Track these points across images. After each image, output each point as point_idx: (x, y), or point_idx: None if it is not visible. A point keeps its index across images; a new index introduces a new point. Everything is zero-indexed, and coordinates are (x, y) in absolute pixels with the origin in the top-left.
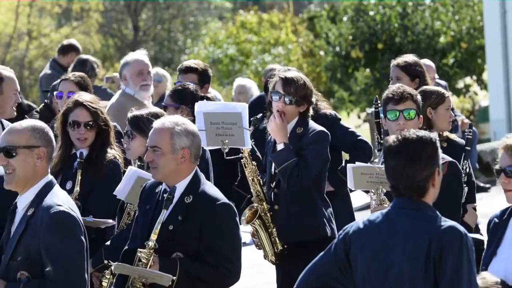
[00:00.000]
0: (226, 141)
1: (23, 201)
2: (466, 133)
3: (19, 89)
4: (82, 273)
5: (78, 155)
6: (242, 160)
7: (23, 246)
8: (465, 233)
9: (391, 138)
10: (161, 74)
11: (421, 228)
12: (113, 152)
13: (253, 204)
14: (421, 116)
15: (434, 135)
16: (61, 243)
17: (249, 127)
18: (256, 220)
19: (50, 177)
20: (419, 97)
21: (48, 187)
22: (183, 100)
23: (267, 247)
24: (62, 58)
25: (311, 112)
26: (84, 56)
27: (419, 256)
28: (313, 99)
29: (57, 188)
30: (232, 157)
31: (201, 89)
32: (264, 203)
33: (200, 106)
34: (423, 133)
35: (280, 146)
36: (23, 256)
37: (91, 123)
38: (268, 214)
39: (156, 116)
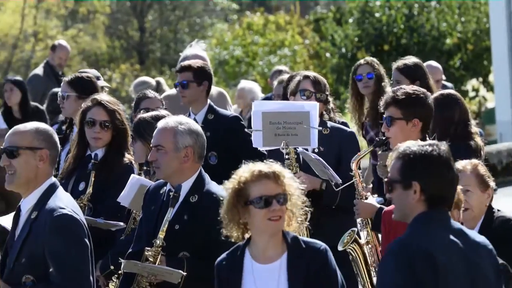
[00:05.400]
0: (288, 141)
1: (26, 204)
2: None
3: None
4: (86, 275)
5: (93, 156)
6: (286, 161)
7: (27, 250)
8: None
9: (440, 147)
10: (147, 81)
11: (482, 238)
12: (128, 157)
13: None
14: (414, 120)
15: None
16: (64, 246)
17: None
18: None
19: (53, 179)
20: (414, 100)
21: (51, 190)
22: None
23: None
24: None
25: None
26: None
27: (496, 266)
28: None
29: (60, 190)
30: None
31: (199, 86)
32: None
33: (258, 106)
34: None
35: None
36: (27, 260)
37: (107, 123)
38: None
39: (159, 119)
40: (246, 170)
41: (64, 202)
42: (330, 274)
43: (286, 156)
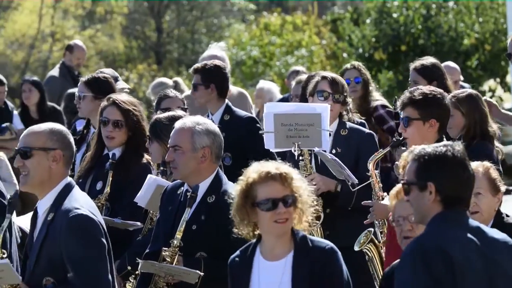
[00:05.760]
0: (299, 142)
1: (43, 206)
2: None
3: None
4: (104, 275)
5: (110, 156)
6: (300, 163)
7: (45, 252)
8: None
9: (455, 147)
10: (164, 82)
11: (502, 235)
12: (147, 157)
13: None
14: (431, 121)
15: None
16: (81, 247)
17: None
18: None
19: (68, 179)
20: (430, 101)
21: (66, 190)
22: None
23: None
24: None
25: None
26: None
27: None
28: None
29: (76, 190)
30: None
31: (206, 89)
32: (321, 209)
33: (270, 107)
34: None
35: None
36: (46, 262)
37: (120, 122)
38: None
39: (175, 119)
40: (254, 170)
41: (80, 202)
42: (334, 273)
43: (300, 158)
